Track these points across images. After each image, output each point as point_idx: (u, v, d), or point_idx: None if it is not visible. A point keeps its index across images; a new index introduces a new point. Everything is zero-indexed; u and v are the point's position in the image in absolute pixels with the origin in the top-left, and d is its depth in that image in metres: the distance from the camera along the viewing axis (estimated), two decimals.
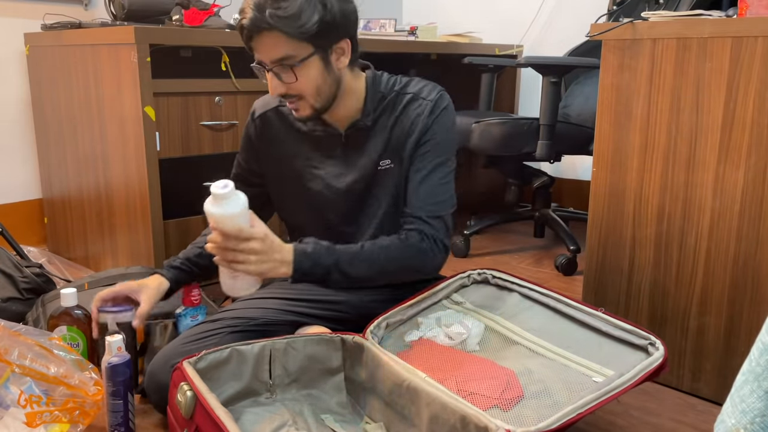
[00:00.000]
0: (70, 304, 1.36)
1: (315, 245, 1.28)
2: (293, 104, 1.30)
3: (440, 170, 1.35)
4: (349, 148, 1.38)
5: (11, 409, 1.14)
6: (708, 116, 1.34)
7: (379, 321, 1.28)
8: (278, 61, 1.23)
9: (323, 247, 1.29)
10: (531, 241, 2.70)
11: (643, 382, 1.08)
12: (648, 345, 1.14)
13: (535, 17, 3.01)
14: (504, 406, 1.06)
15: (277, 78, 1.25)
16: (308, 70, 1.25)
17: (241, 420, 1.15)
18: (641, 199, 1.47)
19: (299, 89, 1.26)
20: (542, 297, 1.32)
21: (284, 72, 1.24)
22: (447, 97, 1.38)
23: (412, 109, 1.35)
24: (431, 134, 1.34)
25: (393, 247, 1.31)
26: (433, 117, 1.34)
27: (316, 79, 1.26)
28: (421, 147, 1.34)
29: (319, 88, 1.27)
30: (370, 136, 1.37)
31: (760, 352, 0.70)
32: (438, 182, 1.35)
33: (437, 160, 1.35)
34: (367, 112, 1.35)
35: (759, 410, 0.69)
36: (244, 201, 1.18)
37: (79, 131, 2.08)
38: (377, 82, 1.38)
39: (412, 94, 1.36)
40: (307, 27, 1.21)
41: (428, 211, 1.32)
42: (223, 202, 1.16)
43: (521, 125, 2.24)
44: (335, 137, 1.38)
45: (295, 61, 1.23)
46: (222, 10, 2.23)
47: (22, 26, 2.28)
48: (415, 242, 1.31)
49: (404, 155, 1.35)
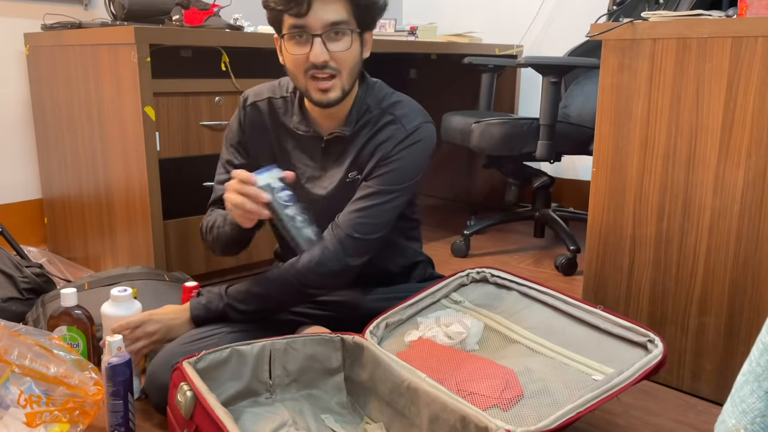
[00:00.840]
0: (70, 304, 1.36)
1: (207, 293, 1.35)
2: (324, 84, 1.25)
3: (383, 196, 1.31)
4: (327, 155, 1.38)
5: (11, 409, 1.14)
6: (708, 116, 1.34)
7: (378, 321, 1.28)
8: (334, 24, 1.22)
9: (215, 293, 1.34)
10: (531, 241, 2.70)
11: (643, 379, 1.08)
12: (647, 342, 1.14)
13: (535, 17, 3.01)
14: (504, 405, 1.06)
15: (323, 45, 1.23)
16: (354, 44, 1.26)
17: (241, 420, 1.15)
18: (641, 199, 1.47)
19: (342, 60, 1.25)
20: (541, 295, 1.32)
21: (335, 38, 1.23)
22: (428, 131, 1.35)
23: (388, 131, 1.33)
24: (392, 160, 1.32)
25: (284, 274, 1.31)
26: (402, 146, 1.32)
27: (356, 57, 1.27)
28: (379, 167, 1.32)
29: (353, 68, 1.28)
30: (346, 146, 1.36)
31: (760, 352, 0.70)
32: (376, 205, 1.31)
33: (386, 186, 1.32)
34: (349, 122, 1.35)
35: (759, 410, 0.69)
36: (139, 307, 1.34)
37: (79, 131, 2.08)
38: (369, 92, 1.37)
39: (394, 117, 1.34)
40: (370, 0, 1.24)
41: (349, 229, 1.30)
42: (121, 305, 1.32)
43: (521, 125, 2.24)
44: (316, 141, 1.37)
45: (350, 28, 1.24)
46: (222, 10, 2.23)
47: (22, 26, 2.28)
48: (314, 259, 1.29)
49: (365, 170, 1.35)
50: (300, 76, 1.27)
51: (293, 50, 1.25)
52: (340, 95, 1.27)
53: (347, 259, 1.30)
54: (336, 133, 1.35)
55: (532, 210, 2.59)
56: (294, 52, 1.25)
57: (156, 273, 1.70)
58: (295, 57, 1.25)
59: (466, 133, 2.27)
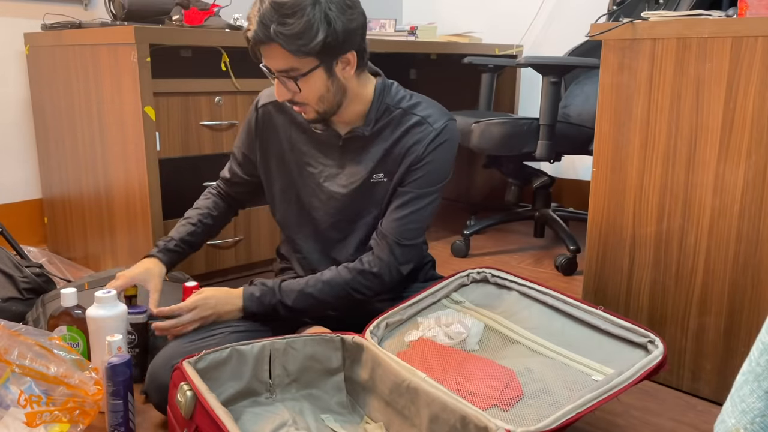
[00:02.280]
0: (70, 304, 1.36)
1: (262, 287, 1.35)
2: (299, 108, 1.32)
3: (423, 200, 1.35)
4: (346, 153, 1.38)
5: (11, 409, 1.14)
6: (708, 116, 1.34)
7: (378, 321, 1.28)
8: (282, 72, 1.25)
9: (268, 288, 1.34)
10: (531, 241, 2.70)
11: (643, 380, 1.08)
12: (647, 343, 1.14)
13: (535, 17, 3.01)
14: (504, 405, 1.06)
15: (282, 85, 1.28)
16: (312, 81, 1.26)
17: (241, 420, 1.15)
18: (641, 199, 1.47)
19: (303, 98, 1.28)
20: (541, 295, 1.32)
21: (288, 82, 1.26)
22: (453, 129, 1.38)
23: (416, 132, 1.34)
24: (426, 162, 1.34)
25: (337, 278, 1.33)
26: (433, 146, 1.34)
27: (319, 89, 1.27)
28: (413, 172, 1.34)
29: (322, 96, 1.28)
30: (367, 145, 1.36)
31: (760, 352, 0.70)
32: (416, 210, 1.34)
33: (423, 190, 1.34)
34: (369, 121, 1.35)
35: (759, 410, 0.69)
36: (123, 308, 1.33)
37: (79, 131, 2.08)
38: (386, 92, 1.37)
39: (420, 117, 1.35)
40: (310, 46, 1.20)
41: (396, 238, 1.33)
42: (105, 306, 1.30)
43: (521, 125, 2.24)
44: (334, 139, 1.38)
45: (299, 74, 1.24)
46: (222, 10, 2.23)
47: (22, 26, 2.28)
48: (364, 269, 1.33)
49: (396, 173, 1.35)
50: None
51: (272, 79, 1.31)
52: (316, 117, 1.32)
53: (399, 267, 1.34)
54: (355, 132, 1.36)
55: (532, 210, 2.59)
56: (272, 81, 1.31)
57: None
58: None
59: (466, 133, 2.27)
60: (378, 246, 1.34)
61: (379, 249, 1.34)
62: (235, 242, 2.08)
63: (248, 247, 2.11)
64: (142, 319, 1.40)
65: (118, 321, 1.30)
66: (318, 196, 1.41)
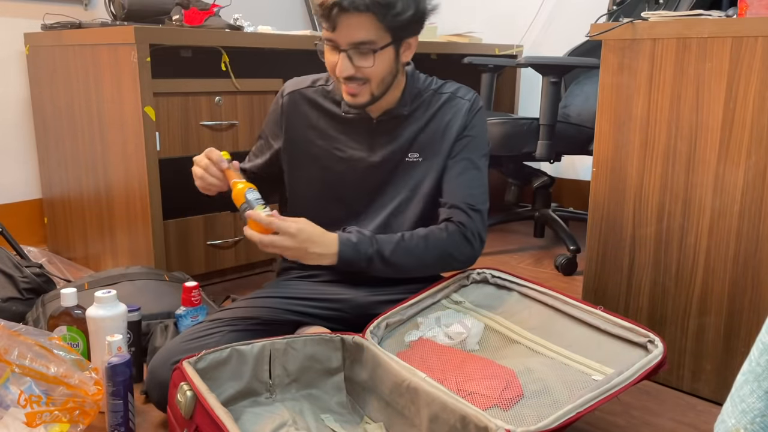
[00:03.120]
0: (70, 304, 1.36)
1: (358, 234, 1.32)
2: (353, 89, 1.29)
3: (477, 165, 1.39)
4: (378, 134, 1.39)
5: (11, 409, 1.14)
6: (708, 116, 1.34)
7: (378, 321, 1.28)
8: (358, 44, 1.24)
9: (366, 236, 1.32)
10: (531, 241, 2.70)
11: (643, 379, 1.08)
12: (647, 342, 1.14)
13: (535, 17, 3.01)
14: (504, 405, 1.06)
15: (348, 60, 1.26)
16: (383, 58, 1.27)
17: (241, 420, 1.15)
18: (641, 199, 1.47)
19: (369, 74, 1.27)
20: (541, 296, 1.32)
21: (360, 56, 1.26)
22: (480, 100, 1.43)
23: (450, 107, 1.39)
24: (469, 130, 1.39)
25: (432, 236, 1.33)
26: (471, 114, 1.39)
27: (386, 68, 1.28)
28: (460, 141, 1.38)
29: (384, 77, 1.30)
30: (402, 126, 1.39)
31: (760, 352, 0.70)
32: (475, 176, 1.38)
33: (474, 155, 1.39)
34: (404, 103, 1.38)
35: (759, 410, 0.69)
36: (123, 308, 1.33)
37: (79, 131, 2.08)
38: (416, 78, 1.41)
39: (449, 94, 1.40)
40: (400, 18, 1.23)
41: (467, 204, 1.35)
42: (105, 306, 1.30)
43: (521, 125, 2.24)
44: (366, 121, 1.39)
45: (375, 48, 1.25)
46: (222, 10, 2.23)
47: (22, 26, 2.28)
48: (454, 232, 1.33)
49: (440, 150, 1.38)
50: (333, 77, 1.33)
51: (327, 57, 1.30)
52: (368, 100, 1.31)
53: (480, 233, 1.36)
54: (392, 113, 1.37)
55: (532, 210, 2.59)
56: (327, 59, 1.31)
57: (156, 273, 1.70)
58: (328, 63, 1.31)
59: None
60: (455, 215, 1.34)
61: (458, 216, 1.34)
62: (235, 242, 2.08)
63: (248, 247, 2.11)
64: (136, 317, 1.41)
65: (118, 321, 1.30)
66: (349, 177, 1.41)
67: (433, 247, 1.33)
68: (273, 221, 1.20)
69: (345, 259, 1.29)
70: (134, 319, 1.41)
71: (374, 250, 1.30)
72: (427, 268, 1.37)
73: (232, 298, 1.78)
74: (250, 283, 2.10)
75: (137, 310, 1.42)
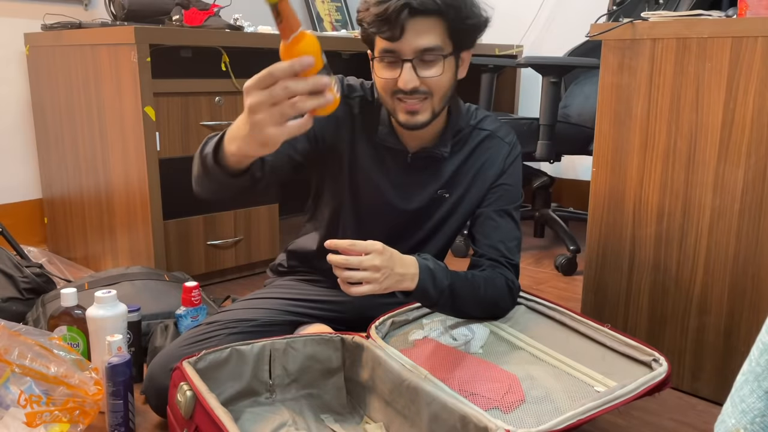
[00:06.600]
0: (70, 304, 1.36)
1: (434, 262, 1.18)
2: (414, 104, 1.18)
3: (514, 215, 1.34)
4: (412, 171, 1.32)
5: (11, 409, 1.14)
6: (708, 116, 1.34)
7: (384, 318, 1.28)
8: (424, 50, 1.15)
9: (442, 268, 1.19)
10: (531, 241, 2.70)
11: (645, 395, 1.07)
12: (652, 361, 1.14)
13: (535, 17, 3.01)
14: (505, 408, 1.06)
15: (413, 70, 1.15)
16: (448, 68, 1.19)
17: (241, 420, 1.15)
18: (641, 199, 1.47)
19: (433, 86, 1.18)
20: (548, 310, 1.33)
21: (424, 65, 1.16)
22: (519, 144, 1.37)
23: (488, 147, 1.33)
24: (506, 178, 1.33)
25: (491, 281, 1.27)
26: (510, 160, 1.34)
27: (449, 80, 1.20)
28: (495, 189, 1.33)
29: (446, 91, 1.21)
30: (438, 166, 1.32)
31: (760, 352, 0.70)
32: (512, 229, 1.33)
33: (510, 205, 1.33)
34: (444, 141, 1.29)
35: (759, 410, 0.69)
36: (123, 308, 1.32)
37: (79, 131, 2.08)
38: (460, 113, 1.32)
39: (489, 132, 1.34)
40: (466, 23, 1.17)
41: (506, 258, 1.31)
42: (106, 306, 1.29)
43: (521, 125, 2.24)
44: (401, 154, 1.30)
45: (444, 53, 1.17)
46: (222, 10, 2.23)
47: (22, 26, 2.28)
48: (504, 284, 1.29)
49: (469, 190, 1.33)
50: (388, 97, 1.21)
51: (383, 74, 1.19)
52: (429, 118, 1.21)
53: (519, 290, 1.35)
54: (430, 151, 1.29)
55: (531, 210, 2.59)
56: (383, 76, 1.19)
57: (156, 273, 1.69)
58: (384, 81, 1.19)
59: None
60: (500, 269, 1.29)
61: (504, 272, 1.29)
62: (235, 242, 2.08)
63: (248, 248, 2.11)
64: (136, 317, 1.41)
65: (118, 321, 1.30)
66: (376, 207, 1.34)
67: (492, 292, 1.27)
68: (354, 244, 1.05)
69: (423, 287, 1.14)
70: (134, 319, 1.41)
71: (448, 283, 1.18)
72: (476, 311, 1.29)
73: (232, 298, 1.78)
74: (250, 283, 2.10)
75: (137, 310, 1.42)
